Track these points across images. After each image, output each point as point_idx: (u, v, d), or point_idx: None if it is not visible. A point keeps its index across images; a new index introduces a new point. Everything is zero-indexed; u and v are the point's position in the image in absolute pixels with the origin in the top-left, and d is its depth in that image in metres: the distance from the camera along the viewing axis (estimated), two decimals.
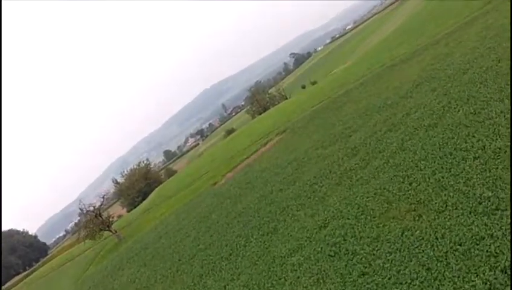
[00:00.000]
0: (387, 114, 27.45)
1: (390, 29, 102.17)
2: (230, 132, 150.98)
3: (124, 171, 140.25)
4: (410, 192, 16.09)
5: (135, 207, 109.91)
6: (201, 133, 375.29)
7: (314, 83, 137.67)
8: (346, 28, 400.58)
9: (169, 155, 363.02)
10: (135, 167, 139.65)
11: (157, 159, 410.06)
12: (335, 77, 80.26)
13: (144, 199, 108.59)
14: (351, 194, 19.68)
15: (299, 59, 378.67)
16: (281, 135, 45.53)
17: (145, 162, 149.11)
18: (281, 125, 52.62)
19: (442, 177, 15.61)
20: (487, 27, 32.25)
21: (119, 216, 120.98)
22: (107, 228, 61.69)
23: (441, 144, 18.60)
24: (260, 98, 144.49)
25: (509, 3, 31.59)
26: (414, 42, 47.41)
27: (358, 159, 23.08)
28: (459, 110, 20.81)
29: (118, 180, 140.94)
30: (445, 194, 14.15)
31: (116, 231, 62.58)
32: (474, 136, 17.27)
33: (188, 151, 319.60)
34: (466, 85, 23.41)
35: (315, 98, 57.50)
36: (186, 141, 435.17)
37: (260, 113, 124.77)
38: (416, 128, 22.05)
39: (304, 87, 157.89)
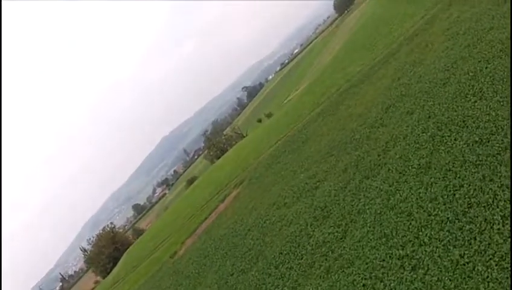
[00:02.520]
0: (359, 153, 22.78)
1: (339, 46, 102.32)
2: (191, 181, 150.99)
3: (90, 239, 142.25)
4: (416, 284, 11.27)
5: (108, 274, 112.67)
6: (166, 183, 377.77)
7: (269, 116, 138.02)
8: (294, 52, 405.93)
9: (138, 209, 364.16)
10: (100, 231, 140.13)
11: (128, 214, 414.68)
12: (289, 107, 77.78)
13: (115, 265, 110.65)
14: (331, 284, 14.77)
15: (252, 92, 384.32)
16: (238, 188, 42.77)
17: (109, 226, 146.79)
18: (238, 173, 50.23)
19: (462, 258, 10.90)
20: (454, 21, 28.47)
21: (96, 282, 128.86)
22: None
23: (444, 197, 13.66)
24: (216, 141, 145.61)
25: None
26: (368, 56, 43.57)
27: (331, 225, 18.44)
28: (456, 139, 16.01)
29: (86, 248, 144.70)
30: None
31: None
32: (492, 180, 12.45)
33: (156, 202, 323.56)
34: (454, 100, 18.89)
35: (271, 136, 54.96)
36: (154, 192, 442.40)
37: (218, 157, 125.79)
38: (402, 172, 17.24)
39: (259, 121, 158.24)
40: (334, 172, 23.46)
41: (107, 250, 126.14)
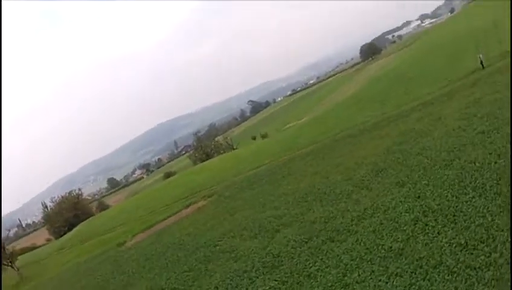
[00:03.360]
0: (333, 209, 21.15)
1: (352, 91, 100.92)
2: (168, 175, 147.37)
3: (55, 197, 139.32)
4: None
5: (60, 236, 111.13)
6: (147, 167, 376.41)
7: (264, 136, 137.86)
8: (309, 83, 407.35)
9: (112, 183, 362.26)
10: (67, 194, 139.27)
11: (102, 185, 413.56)
12: (286, 135, 76.34)
13: (69, 230, 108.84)
14: None
15: (256, 107, 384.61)
16: (206, 200, 42.20)
17: (77, 191, 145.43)
18: (212, 185, 49.74)
19: None
20: (475, 102, 27.40)
21: (48, 240, 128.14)
22: (9, 264, 59.49)
23: None
24: (205, 144, 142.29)
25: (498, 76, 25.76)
26: (378, 109, 42.24)
27: (277, 279, 16.79)
28: (439, 233, 14.23)
29: (48, 205, 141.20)
30: None
31: (18, 269, 59.79)
32: None
33: (131, 183, 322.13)
34: (451, 188, 17.12)
35: (257, 158, 54.32)
36: (133, 172, 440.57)
37: (202, 161, 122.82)
38: (370, 248, 15.51)
39: (254, 138, 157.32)
40: (301, 220, 21.86)
41: (67, 214, 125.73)
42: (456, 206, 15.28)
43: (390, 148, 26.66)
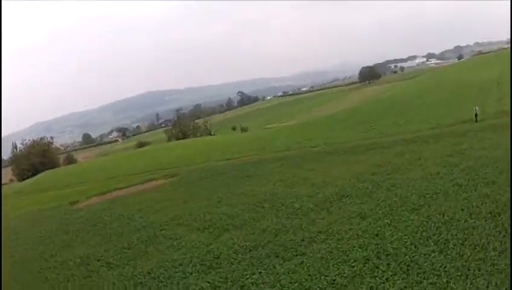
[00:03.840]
0: (286, 223, 20.34)
1: (342, 107, 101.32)
2: (141, 145, 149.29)
3: (26, 140, 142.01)
4: None
5: (22, 180, 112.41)
6: (124, 132, 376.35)
7: (244, 130, 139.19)
8: (302, 89, 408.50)
9: (87, 140, 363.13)
10: (38, 139, 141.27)
11: (77, 138, 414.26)
12: (264, 134, 76.40)
13: (33, 175, 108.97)
14: None
15: (245, 100, 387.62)
16: (167, 179, 41.93)
17: (48, 139, 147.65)
18: (179, 165, 49.39)
19: None
20: (459, 153, 27.05)
21: (11, 180, 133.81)
22: None
23: None
24: (184, 124, 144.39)
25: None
26: (362, 133, 41.56)
27: (211, 280, 15.76)
28: (388, 286, 13.10)
29: (18, 146, 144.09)
30: None
31: None
32: None
33: (104, 143, 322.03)
34: (412, 235, 16.21)
35: (230, 150, 54.08)
36: (110, 133, 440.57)
37: (177, 138, 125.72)
38: (312, 275, 14.61)
39: (234, 129, 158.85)
40: (252, 226, 20.97)
41: (34, 159, 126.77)
42: (413, 256, 14.34)
43: (362, 175, 25.92)
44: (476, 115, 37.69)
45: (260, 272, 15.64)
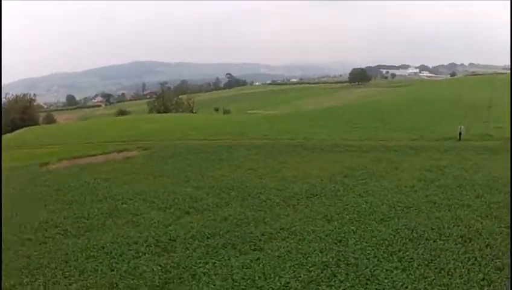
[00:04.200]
0: (250, 214, 19.91)
1: (327, 104, 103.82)
2: (121, 113, 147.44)
3: (9, 94, 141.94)
4: None
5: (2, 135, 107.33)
6: (108, 98, 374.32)
7: (226, 112, 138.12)
8: (291, 80, 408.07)
9: (70, 101, 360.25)
10: (21, 95, 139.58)
11: (61, 98, 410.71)
12: (245, 119, 75.48)
13: (11, 131, 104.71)
14: None
15: (232, 82, 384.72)
16: (140, 151, 40.99)
17: (31, 96, 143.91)
18: (153, 139, 48.42)
19: None
20: (438, 169, 26.77)
21: None
22: None
23: None
24: (167, 98, 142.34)
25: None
26: (343, 133, 41.96)
27: (162, 272, 14.90)
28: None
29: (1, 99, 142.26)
30: None
31: None
32: None
33: (87, 107, 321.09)
34: (377, 248, 15.74)
35: (207, 130, 53.30)
36: (94, 97, 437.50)
37: (158, 112, 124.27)
38: (267, 275, 14.17)
39: (216, 110, 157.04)
40: (214, 212, 20.33)
41: (14, 114, 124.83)
42: (374, 270, 13.69)
43: (335, 176, 25.31)
44: (460, 134, 37.27)
45: (214, 263, 15.04)
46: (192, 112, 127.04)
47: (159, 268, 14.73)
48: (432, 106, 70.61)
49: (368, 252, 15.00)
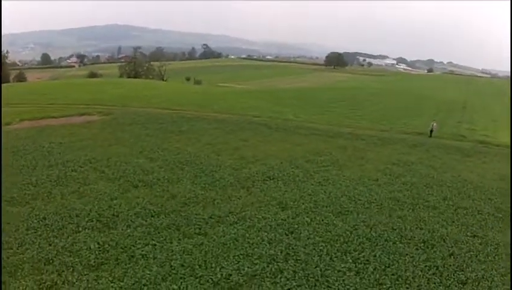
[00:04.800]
0: (200, 193, 18.70)
1: (298, 85, 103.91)
2: (92, 75, 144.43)
3: None
4: None
5: None
6: (82, 59, 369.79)
7: (198, 82, 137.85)
8: (266, 57, 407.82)
9: (45, 60, 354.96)
10: None
11: (36, 57, 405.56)
12: (215, 92, 74.07)
13: None
14: None
15: (207, 53, 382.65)
16: (100, 116, 39.64)
17: (4, 53, 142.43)
18: (116, 104, 46.65)
19: None
20: (406, 164, 25.54)
21: None
22: None
23: None
24: (138, 63, 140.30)
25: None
26: (311, 115, 40.77)
27: (99, 251, 13.71)
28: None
29: None
30: None
31: None
32: None
33: (60, 67, 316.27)
34: (331, 245, 14.78)
35: (174, 100, 51.44)
36: (69, 57, 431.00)
37: (128, 76, 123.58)
38: (208, 263, 13.19)
39: (188, 79, 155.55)
40: (163, 188, 19.03)
41: None
42: (325, 270, 12.59)
43: (297, 160, 24.09)
44: (432, 130, 36.47)
45: (154, 245, 13.84)
46: (163, 80, 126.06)
47: (97, 246, 13.55)
48: (405, 99, 70.32)
49: (321, 248, 13.83)
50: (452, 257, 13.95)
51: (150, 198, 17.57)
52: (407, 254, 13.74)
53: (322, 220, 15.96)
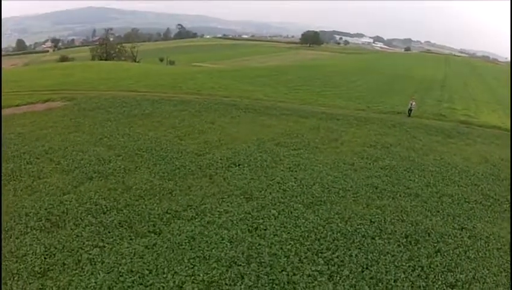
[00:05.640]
0: (157, 183, 17.06)
1: (272, 63, 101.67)
2: (63, 59, 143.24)
3: None
4: None
5: None
6: (57, 43, 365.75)
7: (172, 63, 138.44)
8: (241, 36, 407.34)
9: (20, 46, 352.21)
10: None
11: (11, 43, 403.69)
12: (184, 72, 72.54)
13: None
14: None
15: (183, 34, 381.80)
16: (64, 102, 37.41)
17: None
18: (81, 88, 44.28)
19: None
20: (384, 147, 23.92)
21: None
22: None
23: None
24: (110, 45, 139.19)
25: None
26: (283, 90, 39.68)
27: (45, 255, 12.13)
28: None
29: None
30: None
31: None
32: None
33: (35, 52, 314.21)
34: (301, 241, 13.13)
35: (142, 82, 49.16)
36: (44, 42, 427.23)
37: (101, 59, 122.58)
38: (160, 269, 11.56)
39: (161, 60, 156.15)
40: (118, 179, 17.34)
41: None
42: (293, 275, 11.08)
43: (265, 143, 22.33)
44: (411, 110, 35.00)
45: (104, 247, 12.20)
46: (135, 61, 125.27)
47: (43, 250, 11.99)
48: (382, 77, 68.96)
49: (288, 247, 12.13)
50: (439, 254, 12.36)
51: (103, 191, 15.85)
52: (387, 253, 12.10)
53: (291, 213, 14.25)
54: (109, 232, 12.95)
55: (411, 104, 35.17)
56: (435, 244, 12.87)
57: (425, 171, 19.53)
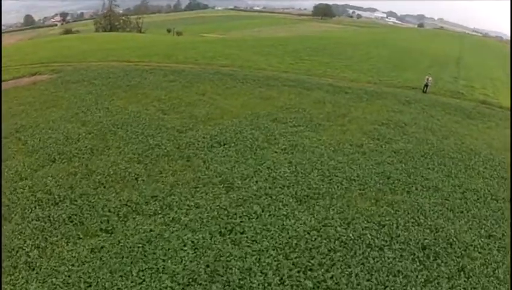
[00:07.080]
0: (134, 161, 14.57)
1: (283, 34, 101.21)
2: (67, 32, 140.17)
3: None
4: None
5: None
6: (65, 17, 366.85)
7: (179, 33, 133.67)
8: (254, 8, 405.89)
9: (28, 21, 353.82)
10: None
11: (21, 19, 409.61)
12: (186, 41, 70.14)
13: None
14: None
15: (193, 5, 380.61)
16: (52, 75, 34.62)
17: None
18: (72, 60, 41.56)
19: None
20: (397, 124, 20.69)
21: None
22: None
23: None
24: (114, 16, 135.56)
25: None
26: (288, 60, 39.39)
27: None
28: None
29: None
30: None
31: None
32: None
33: (41, 27, 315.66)
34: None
35: (138, 52, 46.07)
36: (53, 16, 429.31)
37: (105, 30, 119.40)
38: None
39: (169, 31, 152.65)
40: (82, 162, 14.93)
41: None
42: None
43: (260, 119, 19.29)
44: (427, 85, 31.96)
45: (45, 248, 9.97)
46: (140, 32, 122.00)
47: None
48: (396, 51, 65.32)
49: (268, 260, 9.31)
50: (462, 274, 9.38)
51: (61, 177, 13.39)
52: (399, 272, 9.13)
53: (279, 210, 11.34)
54: (55, 229, 10.59)
55: (427, 80, 31.98)
56: (458, 260, 9.84)
57: (445, 158, 16.24)
